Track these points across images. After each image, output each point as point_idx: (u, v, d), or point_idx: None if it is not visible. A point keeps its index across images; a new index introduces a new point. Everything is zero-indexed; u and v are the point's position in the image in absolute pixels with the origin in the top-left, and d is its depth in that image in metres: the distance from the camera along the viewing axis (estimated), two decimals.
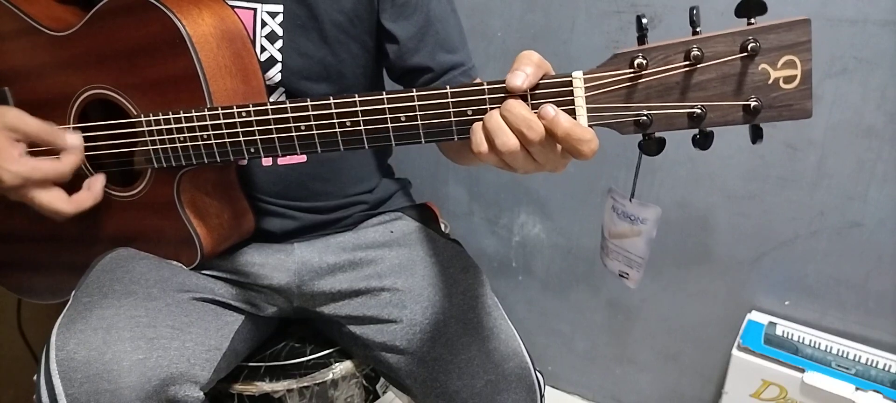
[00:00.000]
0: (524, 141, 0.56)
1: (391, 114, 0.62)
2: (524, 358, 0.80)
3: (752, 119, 0.54)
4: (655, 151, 0.58)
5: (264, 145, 0.68)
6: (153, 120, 0.72)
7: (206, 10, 0.73)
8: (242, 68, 0.75)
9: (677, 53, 0.54)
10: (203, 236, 0.79)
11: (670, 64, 0.54)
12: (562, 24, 1.24)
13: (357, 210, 0.93)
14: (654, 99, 0.55)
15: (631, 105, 0.56)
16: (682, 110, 0.55)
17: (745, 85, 0.53)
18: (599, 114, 0.57)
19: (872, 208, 1.09)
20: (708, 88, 0.54)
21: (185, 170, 0.75)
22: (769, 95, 0.53)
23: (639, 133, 0.57)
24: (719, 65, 0.53)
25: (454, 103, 0.60)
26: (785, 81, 0.53)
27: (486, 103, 0.59)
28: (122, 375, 0.66)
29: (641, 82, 0.55)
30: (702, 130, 0.56)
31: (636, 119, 0.56)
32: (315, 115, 0.65)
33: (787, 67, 0.52)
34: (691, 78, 0.54)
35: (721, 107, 0.54)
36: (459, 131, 0.61)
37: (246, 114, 0.68)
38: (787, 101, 0.53)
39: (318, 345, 0.92)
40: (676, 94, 0.55)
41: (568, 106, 0.57)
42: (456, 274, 0.85)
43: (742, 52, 0.52)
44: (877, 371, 1.11)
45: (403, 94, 0.61)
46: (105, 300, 0.72)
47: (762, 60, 0.52)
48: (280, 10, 0.80)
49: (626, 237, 0.76)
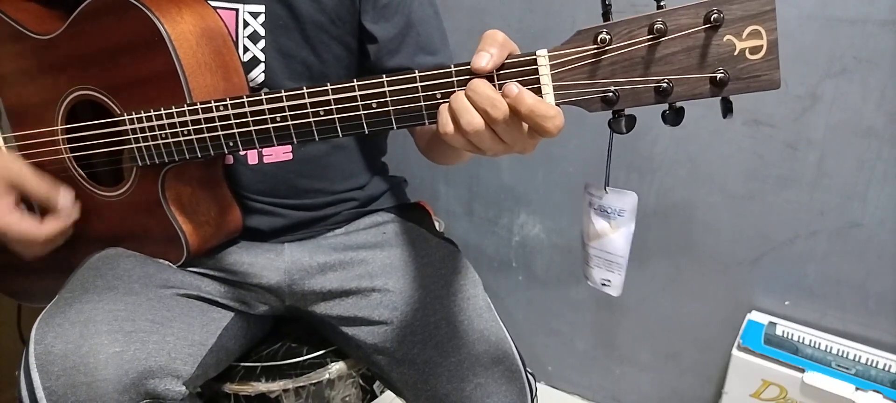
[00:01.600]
0: (489, 120, 0.56)
1: (363, 101, 0.62)
2: (515, 360, 0.80)
3: (720, 91, 0.53)
4: (626, 129, 0.57)
5: (242, 138, 0.69)
6: (135, 118, 0.73)
7: (186, 9, 0.74)
8: (223, 65, 0.76)
9: (641, 27, 0.53)
10: (189, 233, 0.79)
11: (634, 38, 0.54)
12: (561, 24, 1.24)
13: (346, 207, 0.93)
14: (620, 74, 0.55)
15: (597, 81, 0.56)
16: (649, 85, 0.54)
17: (711, 57, 0.53)
18: (566, 92, 0.57)
19: (872, 208, 1.08)
20: (673, 62, 0.54)
21: (168, 167, 0.76)
22: (736, 66, 0.52)
23: (607, 110, 0.57)
24: (683, 37, 0.53)
25: (423, 87, 0.60)
26: (751, 52, 0.52)
27: (454, 86, 0.59)
28: (99, 368, 0.67)
29: (606, 58, 0.55)
30: (671, 105, 0.55)
31: (603, 95, 0.56)
32: (289, 106, 0.65)
33: (752, 38, 0.52)
34: (656, 51, 0.54)
35: (687, 81, 0.54)
36: (429, 115, 0.61)
37: (223, 108, 0.68)
38: (755, 72, 0.52)
39: (315, 345, 0.93)
40: (642, 69, 0.54)
41: (534, 84, 0.57)
42: (448, 275, 0.85)
43: (706, 24, 0.52)
44: (877, 371, 1.11)
45: (374, 81, 0.61)
46: (85, 295, 0.73)
47: (727, 31, 0.52)
48: (262, 11, 0.80)
49: (604, 236, 0.73)
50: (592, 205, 0.73)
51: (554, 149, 1.34)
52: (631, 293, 1.38)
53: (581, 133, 1.29)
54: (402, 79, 0.61)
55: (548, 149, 1.35)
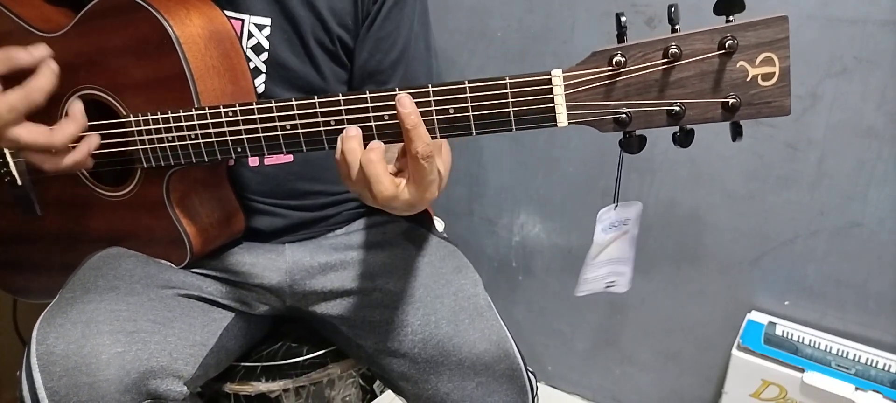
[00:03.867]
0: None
1: (374, 112, 0.62)
2: (516, 359, 0.80)
3: (731, 116, 0.54)
4: (636, 149, 0.58)
5: (251, 144, 0.69)
6: (142, 120, 0.73)
7: (195, 11, 0.74)
8: (231, 69, 0.76)
9: (656, 51, 0.54)
10: (192, 235, 0.79)
11: (649, 61, 0.54)
12: (562, 24, 1.24)
13: (346, 208, 0.93)
14: (634, 96, 0.56)
15: (610, 102, 0.56)
16: (661, 108, 0.55)
17: (724, 82, 0.53)
18: (579, 112, 0.57)
19: (872, 208, 1.08)
20: (686, 86, 0.54)
21: (173, 169, 0.76)
22: (747, 92, 0.53)
23: (618, 131, 0.57)
24: (698, 62, 0.53)
25: (436, 102, 0.60)
26: (763, 78, 0.52)
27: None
28: (101, 368, 0.67)
29: (620, 80, 0.55)
30: (682, 128, 0.56)
31: (616, 116, 0.56)
32: (300, 115, 0.65)
33: (765, 65, 0.52)
34: (670, 75, 0.54)
35: (700, 105, 0.54)
36: (441, 130, 0.61)
37: (232, 114, 0.68)
38: (766, 99, 0.53)
39: (315, 345, 0.93)
40: (655, 92, 0.55)
41: (548, 103, 0.58)
42: (448, 274, 0.85)
43: (720, 50, 0.52)
44: (877, 371, 1.11)
45: (386, 93, 0.61)
46: (87, 295, 0.73)
47: (740, 57, 0.52)
48: (268, 23, 0.81)
49: (611, 244, 0.75)
50: (601, 224, 0.76)
51: (554, 150, 1.34)
52: (631, 293, 1.37)
53: (581, 134, 1.29)
54: (417, 91, 0.60)
55: (548, 149, 1.35)
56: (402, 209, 0.62)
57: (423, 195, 0.60)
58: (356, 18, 0.83)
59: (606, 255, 0.76)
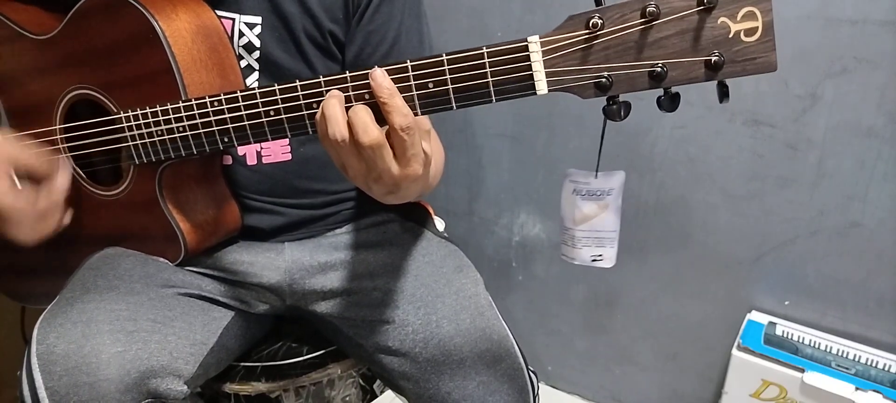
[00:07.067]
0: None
1: (354, 92, 0.62)
2: (517, 359, 0.80)
3: (715, 74, 0.52)
4: (621, 116, 0.56)
5: (237, 133, 0.69)
6: (131, 115, 0.73)
7: (181, 7, 0.74)
8: (219, 62, 0.76)
9: (633, 11, 0.53)
10: (186, 231, 0.79)
11: (627, 22, 0.53)
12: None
13: (346, 207, 0.93)
14: (614, 59, 0.54)
15: (590, 67, 0.55)
16: (643, 69, 0.54)
17: (705, 40, 0.52)
18: (558, 78, 0.56)
19: (872, 208, 1.08)
20: (667, 45, 0.53)
21: (165, 165, 0.76)
22: (731, 49, 0.52)
23: (601, 96, 0.56)
24: (677, 20, 0.52)
25: (414, 76, 0.59)
26: (746, 34, 0.51)
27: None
28: (101, 367, 0.67)
29: (598, 43, 0.54)
30: (666, 90, 0.55)
31: (596, 81, 0.55)
32: (283, 99, 0.65)
33: (747, 19, 0.51)
34: (649, 35, 0.53)
35: (682, 64, 0.53)
36: (422, 105, 0.61)
37: (217, 104, 0.68)
38: (750, 55, 0.51)
39: (315, 345, 0.92)
40: (635, 53, 0.53)
41: (526, 71, 0.56)
42: (449, 273, 0.85)
43: (699, 6, 0.51)
44: (877, 371, 1.11)
45: (364, 72, 0.61)
46: (87, 295, 0.73)
47: (721, 13, 0.51)
48: (258, 22, 0.81)
49: (594, 216, 0.72)
50: (579, 192, 0.73)
51: (554, 150, 1.34)
52: (631, 293, 1.38)
53: (581, 133, 1.29)
54: (396, 68, 0.60)
55: (548, 149, 1.35)
56: (389, 183, 0.61)
57: (407, 170, 0.59)
58: (347, 12, 0.83)
59: (589, 227, 0.73)
